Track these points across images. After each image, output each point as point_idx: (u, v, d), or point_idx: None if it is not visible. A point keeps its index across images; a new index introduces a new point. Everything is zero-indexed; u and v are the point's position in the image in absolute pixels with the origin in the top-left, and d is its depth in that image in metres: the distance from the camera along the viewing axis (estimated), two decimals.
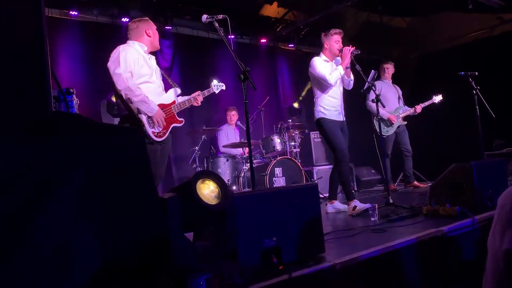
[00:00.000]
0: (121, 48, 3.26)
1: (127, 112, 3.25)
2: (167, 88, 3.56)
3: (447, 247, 2.55)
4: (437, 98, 6.07)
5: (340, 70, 4.05)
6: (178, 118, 3.46)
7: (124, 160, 1.34)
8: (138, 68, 3.24)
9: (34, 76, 1.44)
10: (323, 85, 4.15)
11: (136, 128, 3.13)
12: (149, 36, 3.41)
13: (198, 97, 3.59)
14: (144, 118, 3.21)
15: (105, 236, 1.27)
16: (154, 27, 3.49)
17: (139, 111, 3.20)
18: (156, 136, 3.26)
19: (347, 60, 4.03)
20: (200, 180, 1.85)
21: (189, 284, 1.52)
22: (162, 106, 3.34)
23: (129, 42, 3.39)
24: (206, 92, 3.69)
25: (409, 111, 5.97)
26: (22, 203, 1.12)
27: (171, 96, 3.48)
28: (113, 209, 1.29)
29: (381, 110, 5.46)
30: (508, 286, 1.04)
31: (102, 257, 1.24)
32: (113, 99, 4.78)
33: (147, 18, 3.50)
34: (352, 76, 4.24)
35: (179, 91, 3.57)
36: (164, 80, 3.59)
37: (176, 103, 3.47)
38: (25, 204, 1.12)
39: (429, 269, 2.37)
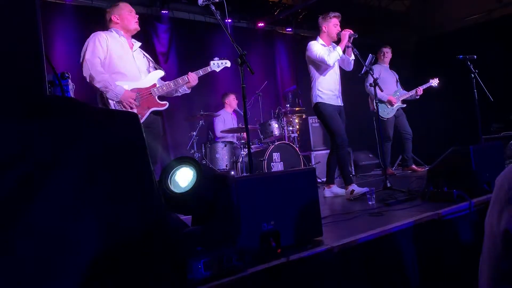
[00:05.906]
0: (93, 34, 3.30)
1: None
2: (170, 74, 3.50)
3: (444, 230, 2.57)
4: (434, 82, 6.06)
5: (339, 50, 4.02)
6: (160, 102, 3.37)
7: (121, 143, 1.33)
8: (111, 53, 3.26)
9: (28, 60, 1.43)
10: (321, 69, 4.12)
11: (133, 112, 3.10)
12: (117, 22, 3.41)
13: (189, 76, 3.48)
14: (111, 104, 3.19)
15: (105, 220, 1.26)
16: (125, 9, 3.44)
17: (107, 98, 3.19)
18: None
19: (345, 42, 4.02)
20: (176, 168, 1.84)
21: (187, 267, 1.52)
22: (137, 91, 3.29)
23: (110, 28, 3.43)
24: (201, 72, 3.56)
25: (410, 93, 5.96)
26: (20, 186, 1.11)
27: (152, 79, 3.40)
28: (112, 192, 1.29)
29: (380, 93, 5.46)
30: (505, 266, 1.05)
31: (102, 241, 1.24)
32: None
33: (117, 3, 3.48)
34: (353, 56, 4.19)
35: (162, 73, 3.49)
36: (165, 65, 3.55)
37: (157, 86, 3.39)
38: (24, 186, 1.12)
39: (426, 252, 2.39)
